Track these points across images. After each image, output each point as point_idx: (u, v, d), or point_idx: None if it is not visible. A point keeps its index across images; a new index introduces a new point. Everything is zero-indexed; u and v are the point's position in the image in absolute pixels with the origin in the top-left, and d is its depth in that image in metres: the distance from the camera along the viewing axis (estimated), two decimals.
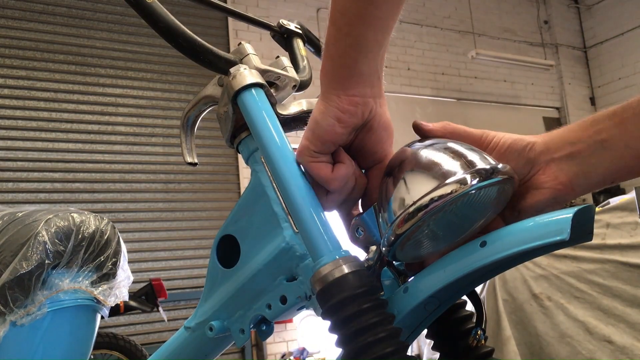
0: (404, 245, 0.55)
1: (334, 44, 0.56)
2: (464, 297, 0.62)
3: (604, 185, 0.54)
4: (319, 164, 0.58)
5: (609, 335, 1.64)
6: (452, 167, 0.52)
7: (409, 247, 0.55)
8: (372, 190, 0.62)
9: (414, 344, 2.16)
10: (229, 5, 0.88)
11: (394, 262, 0.61)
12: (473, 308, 0.63)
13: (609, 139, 0.52)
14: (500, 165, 0.53)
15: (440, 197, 0.51)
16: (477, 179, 0.51)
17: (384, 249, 0.55)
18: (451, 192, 0.50)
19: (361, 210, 0.64)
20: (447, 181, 0.51)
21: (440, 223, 0.53)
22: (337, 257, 0.54)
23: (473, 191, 0.51)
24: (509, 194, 0.55)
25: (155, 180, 4.37)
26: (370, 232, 0.60)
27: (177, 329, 0.80)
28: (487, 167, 0.52)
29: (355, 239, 0.62)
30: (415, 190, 0.52)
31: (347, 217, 0.64)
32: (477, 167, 0.52)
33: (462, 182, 0.51)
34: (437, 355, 0.65)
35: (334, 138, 0.58)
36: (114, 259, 1.03)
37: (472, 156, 0.53)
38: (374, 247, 0.58)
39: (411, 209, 0.51)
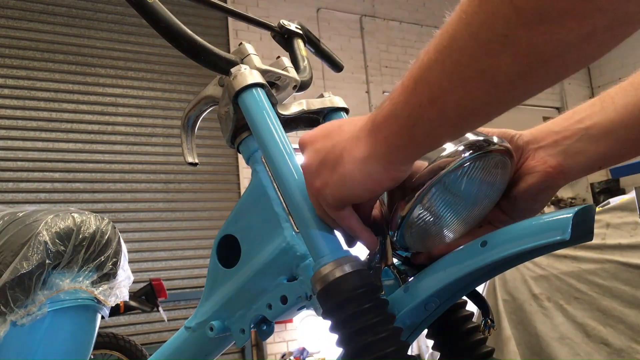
0: (411, 230, 0.55)
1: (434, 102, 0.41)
2: (464, 297, 0.62)
3: (592, 170, 0.56)
4: (341, 219, 0.53)
5: (607, 338, 1.64)
6: (447, 145, 0.52)
7: (415, 233, 0.56)
8: None
9: (414, 344, 2.16)
10: (229, 5, 0.88)
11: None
12: (476, 306, 0.63)
13: (592, 126, 0.55)
14: (495, 139, 0.53)
15: (434, 170, 0.51)
16: (470, 150, 0.51)
17: (391, 233, 0.55)
18: (446, 166, 0.51)
19: None
20: (441, 154, 0.51)
21: (441, 202, 0.53)
22: (338, 256, 0.54)
23: (467, 163, 0.51)
24: (507, 170, 0.55)
25: (155, 180, 4.37)
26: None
27: (177, 329, 0.80)
28: (481, 138, 0.52)
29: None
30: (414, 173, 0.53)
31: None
32: (470, 140, 0.52)
33: (454, 154, 0.51)
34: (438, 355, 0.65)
35: (352, 200, 0.52)
36: (114, 259, 1.03)
37: (468, 134, 0.53)
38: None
39: (410, 189, 0.52)
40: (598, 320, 1.68)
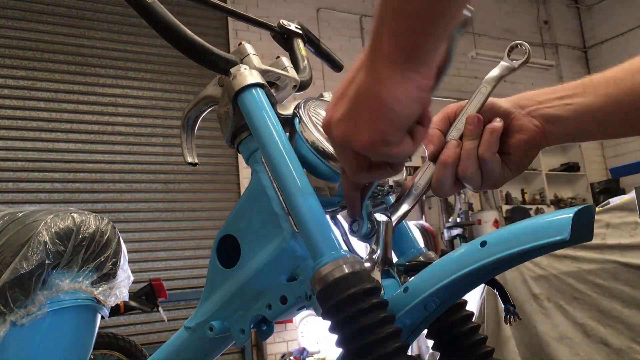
0: None
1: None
2: (466, 296, 0.62)
3: (567, 140, 0.63)
4: (404, 146, 0.50)
5: (606, 338, 1.64)
6: None
7: None
8: None
9: (414, 344, 2.16)
10: (229, 5, 0.88)
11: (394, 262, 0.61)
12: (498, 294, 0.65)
13: (572, 103, 0.61)
14: None
15: None
16: None
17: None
18: None
19: None
20: None
21: None
22: (338, 257, 0.54)
23: None
24: None
25: (155, 180, 4.37)
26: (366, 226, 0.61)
27: (177, 329, 0.80)
28: None
29: (352, 232, 0.62)
30: None
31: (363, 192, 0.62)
32: None
33: None
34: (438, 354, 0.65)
35: (412, 120, 0.50)
36: (114, 259, 1.03)
37: None
38: (374, 247, 0.58)
39: None
40: (598, 320, 1.68)
